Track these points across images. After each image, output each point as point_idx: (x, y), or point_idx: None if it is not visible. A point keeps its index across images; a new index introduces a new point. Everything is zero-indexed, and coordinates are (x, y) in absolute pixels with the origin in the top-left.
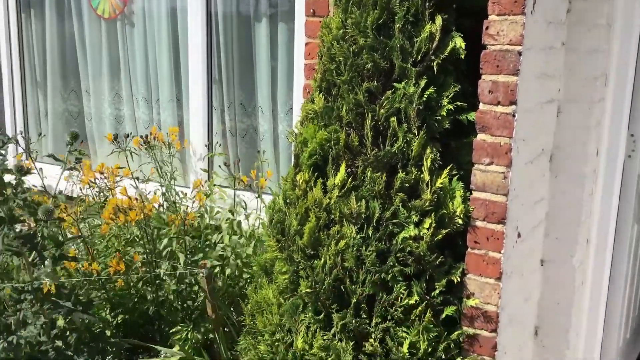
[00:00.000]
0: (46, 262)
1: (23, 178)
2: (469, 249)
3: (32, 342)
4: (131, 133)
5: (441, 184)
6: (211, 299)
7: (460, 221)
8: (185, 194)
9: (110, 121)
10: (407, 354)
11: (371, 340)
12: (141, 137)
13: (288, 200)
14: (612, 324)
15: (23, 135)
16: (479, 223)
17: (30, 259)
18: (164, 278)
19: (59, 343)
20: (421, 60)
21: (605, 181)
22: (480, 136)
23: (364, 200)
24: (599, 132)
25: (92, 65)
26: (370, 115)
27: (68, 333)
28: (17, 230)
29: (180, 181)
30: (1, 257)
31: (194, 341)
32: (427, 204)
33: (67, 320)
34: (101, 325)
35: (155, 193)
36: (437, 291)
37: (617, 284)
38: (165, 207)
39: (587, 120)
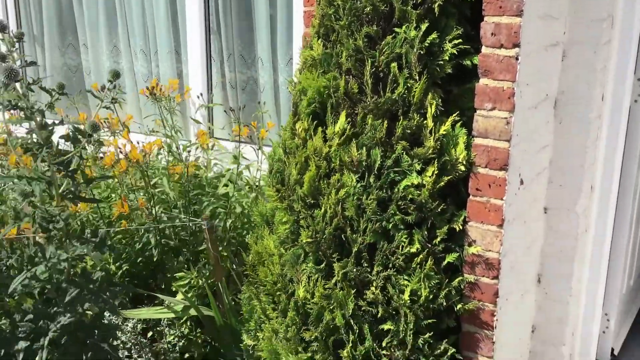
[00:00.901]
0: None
1: None
2: (470, 197)
3: (52, 279)
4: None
5: (445, 130)
6: (213, 249)
7: (463, 168)
8: (187, 145)
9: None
10: (409, 301)
11: (372, 288)
12: (147, 88)
13: (287, 150)
14: (615, 271)
15: None
16: (481, 170)
17: (60, 191)
18: (165, 224)
19: (80, 280)
20: (422, 2)
21: (610, 127)
22: (483, 81)
23: (364, 148)
24: (604, 76)
25: (89, 17)
26: (370, 62)
27: (85, 275)
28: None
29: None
30: (32, 187)
31: (197, 289)
32: (430, 151)
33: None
34: (106, 272)
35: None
36: (438, 239)
37: (621, 231)
38: (167, 157)
39: (593, 64)
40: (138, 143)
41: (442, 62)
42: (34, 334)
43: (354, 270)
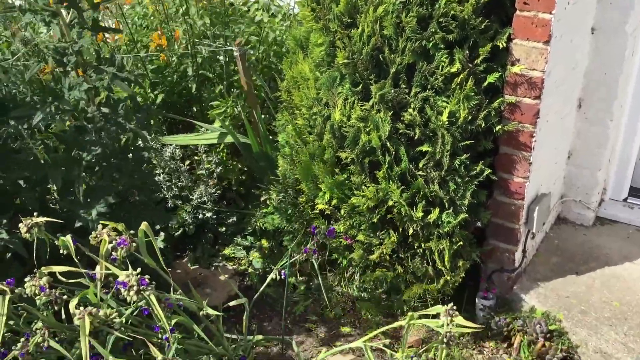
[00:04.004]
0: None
1: None
2: (517, 12)
3: (77, 109)
4: None
5: None
6: (246, 77)
7: None
8: None
9: None
10: (447, 123)
11: (410, 110)
12: None
13: None
14: None
15: None
16: None
17: (67, 21)
18: (202, 54)
19: (105, 110)
20: None
21: None
22: None
23: None
24: None
25: None
26: None
27: (112, 102)
28: None
29: None
30: (37, 20)
31: (232, 118)
32: None
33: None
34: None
35: None
36: (480, 58)
37: None
38: None
39: None
40: None
41: None
42: (67, 163)
43: (392, 91)
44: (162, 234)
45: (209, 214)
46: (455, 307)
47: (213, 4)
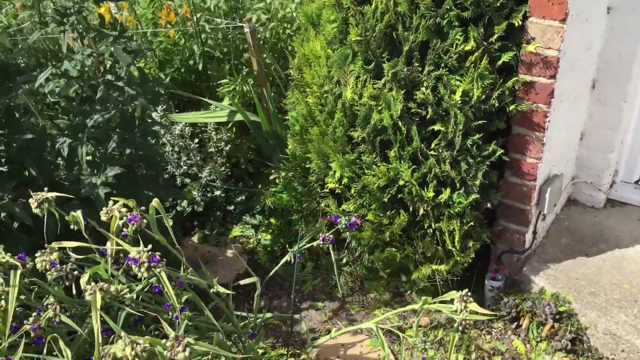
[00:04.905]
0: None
1: None
2: None
3: (82, 77)
4: None
5: None
6: (256, 53)
7: None
8: None
9: None
10: (460, 102)
11: (423, 88)
12: None
13: None
14: None
15: None
16: None
17: None
18: (209, 32)
19: (109, 77)
20: None
21: None
22: None
23: None
24: None
25: None
26: None
27: (117, 68)
28: None
29: None
30: None
31: (242, 96)
32: None
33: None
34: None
35: None
36: (495, 36)
37: None
38: None
39: None
40: None
41: None
42: (73, 132)
43: (405, 69)
44: (173, 211)
45: (217, 192)
46: (468, 293)
47: None
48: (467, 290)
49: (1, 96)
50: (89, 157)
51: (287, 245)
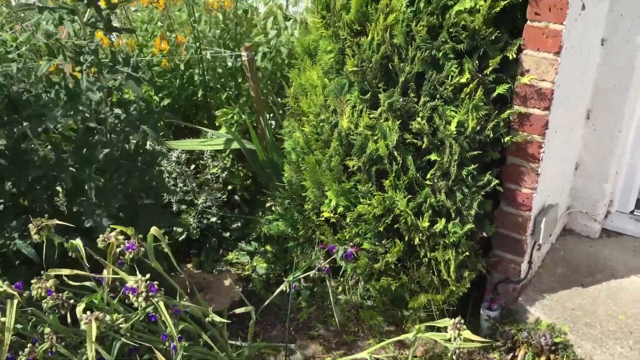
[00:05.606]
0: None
1: None
2: (528, 22)
3: (91, 109)
4: None
5: None
6: (254, 82)
7: None
8: None
9: None
10: (455, 132)
11: (418, 119)
12: None
13: None
14: None
15: None
16: None
17: (85, 20)
18: (209, 59)
19: (118, 111)
20: None
21: None
22: None
23: None
24: None
25: None
26: None
27: (125, 103)
28: None
29: None
30: (52, 19)
31: (239, 125)
32: None
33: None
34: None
35: None
36: (490, 69)
37: None
38: None
39: None
40: None
41: None
42: (79, 163)
43: (400, 100)
44: (166, 237)
45: (213, 219)
46: (462, 321)
47: (226, 15)
48: (459, 318)
49: (10, 130)
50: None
51: (283, 273)
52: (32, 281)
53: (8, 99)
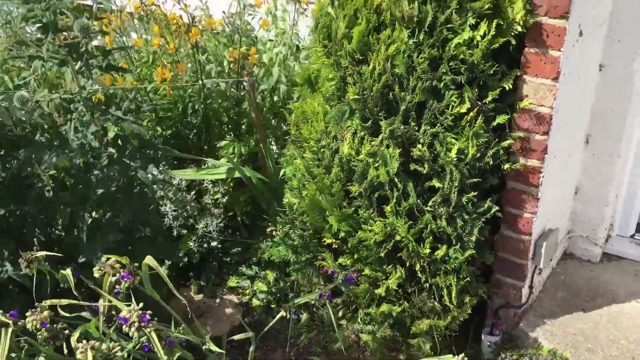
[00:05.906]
0: (93, 73)
1: None
2: (526, 48)
3: (85, 149)
4: None
5: None
6: (256, 108)
7: (520, 28)
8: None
9: None
10: (455, 159)
11: (419, 145)
12: None
13: (336, 2)
14: None
15: None
16: (540, 18)
17: (77, 68)
18: (209, 88)
19: (112, 150)
20: None
21: None
22: None
23: (416, 2)
24: None
25: None
26: None
27: (120, 141)
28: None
29: None
30: (46, 68)
31: (240, 153)
32: (487, 6)
33: (117, 128)
34: (150, 134)
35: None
36: (489, 99)
37: None
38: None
39: None
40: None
41: None
42: (74, 201)
43: (401, 127)
44: (166, 262)
45: (214, 244)
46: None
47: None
48: (463, 355)
49: (9, 167)
50: (88, 221)
51: (284, 297)
52: (27, 314)
53: (13, 143)
